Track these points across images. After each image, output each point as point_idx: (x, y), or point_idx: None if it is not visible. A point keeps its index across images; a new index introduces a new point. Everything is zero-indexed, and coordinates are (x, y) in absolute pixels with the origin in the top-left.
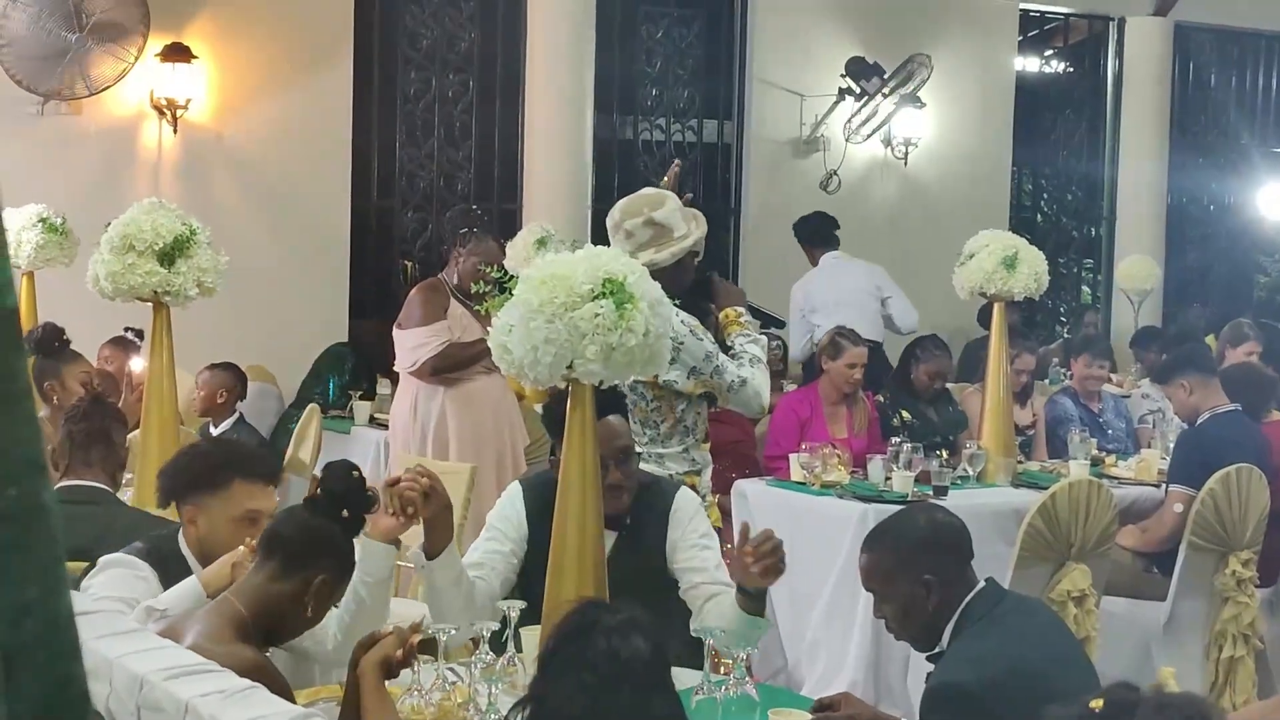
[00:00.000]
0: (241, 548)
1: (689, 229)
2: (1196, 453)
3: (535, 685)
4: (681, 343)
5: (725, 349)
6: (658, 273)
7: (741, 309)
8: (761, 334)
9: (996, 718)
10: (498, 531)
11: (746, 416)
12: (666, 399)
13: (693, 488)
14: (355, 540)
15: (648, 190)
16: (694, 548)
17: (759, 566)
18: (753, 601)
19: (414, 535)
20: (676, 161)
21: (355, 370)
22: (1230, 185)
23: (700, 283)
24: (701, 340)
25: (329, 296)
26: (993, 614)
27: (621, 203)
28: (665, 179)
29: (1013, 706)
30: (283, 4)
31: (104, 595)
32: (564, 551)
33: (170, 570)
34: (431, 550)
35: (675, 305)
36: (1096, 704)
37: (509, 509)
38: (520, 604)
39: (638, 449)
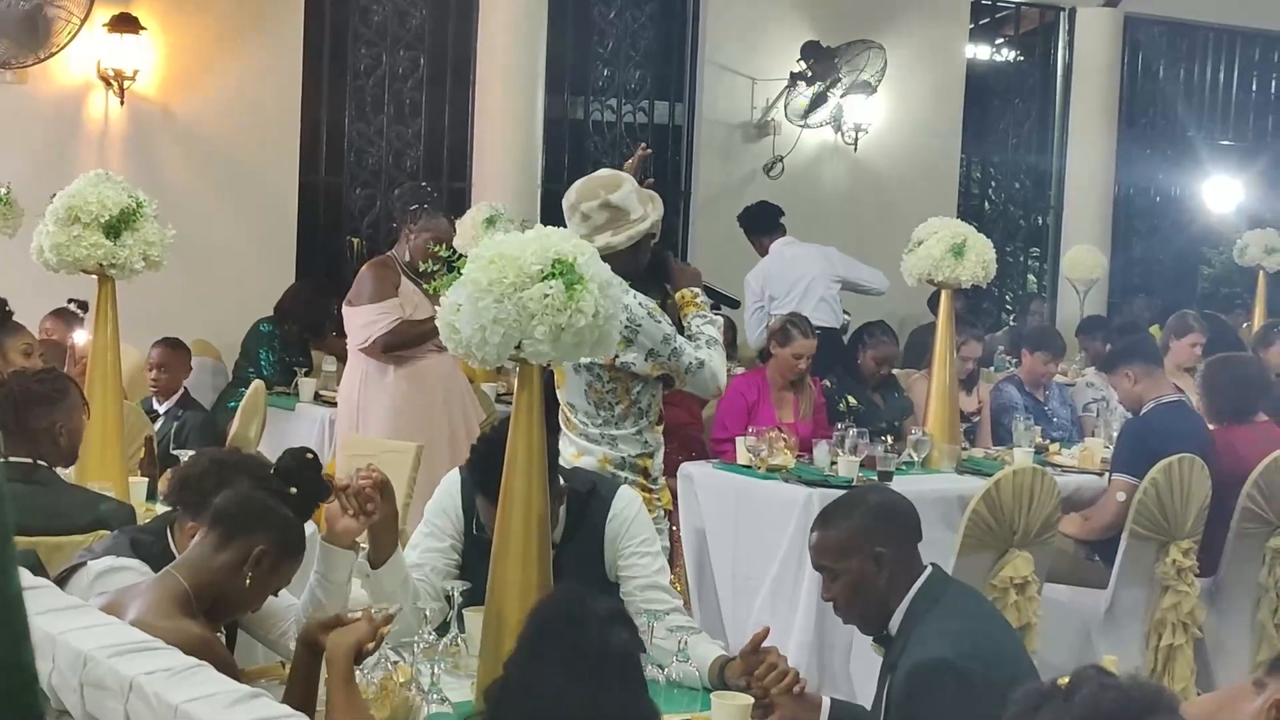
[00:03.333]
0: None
1: (645, 211)
2: (1140, 442)
3: (515, 669)
4: (639, 325)
5: (680, 330)
6: (614, 256)
7: (697, 290)
8: (716, 315)
9: (979, 690)
10: (435, 527)
11: (698, 398)
12: (623, 381)
13: (645, 470)
14: (314, 541)
15: (603, 172)
16: (633, 555)
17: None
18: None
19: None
20: (643, 145)
21: (286, 345)
22: (1177, 177)
23: (656, 263)
24: (659, 322)
25: (276, 272)
26: (946, 598)
27: (577, 185)
28: (629, 162)
29: (990, 681)
30: None
31: None
32: (509, 535)
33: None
34: (377, 558)
35: (632, 288)
36: (1063, 681)
37: (446, 500)
38: (464, 585)
39: (592, 429)
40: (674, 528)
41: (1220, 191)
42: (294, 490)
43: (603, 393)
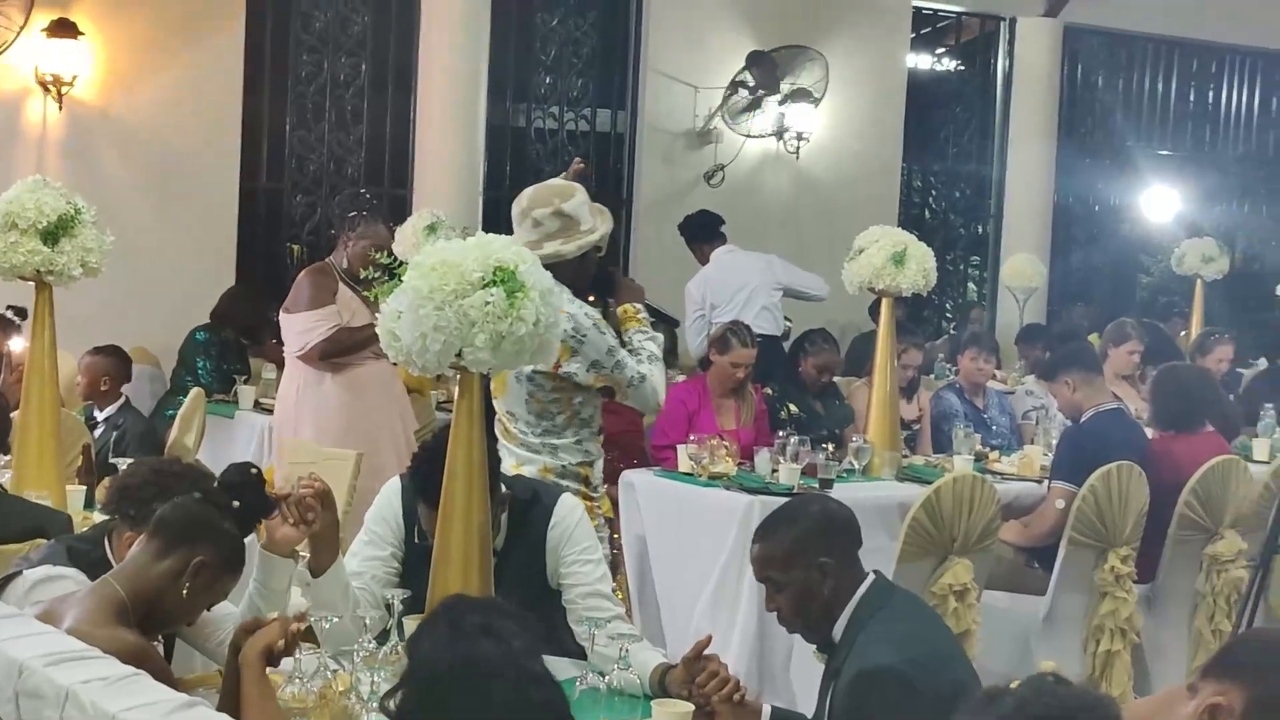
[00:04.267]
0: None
1: (595, 223)
2: (1079, 450)
3: (404, 674)
4: (584, 336)
5: (622, 344)
6: (561, 265)
7: (639, 305)
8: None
9: (922, 695)
10: (375, 535)
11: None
12: (565, 391)
13: (585, 479)
14: (254, 549)
15: (556, 181)
16: (575, 563)
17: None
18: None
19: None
20: (578, 159)
21: (224, 351)
22: (1115, 186)
23: (601, 277)
24: (604, 334)
25: (216, 278)
26: (890, 604)
27: (529, 191)
28: (564, 175)
29: (933, 686)
30: None
31: None
32: (450, 542)
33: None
34: (317, 567)
35: (577, 299)
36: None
37: (385, 508)
38: (404, 593)
39: (532, 438)
40: (615, 535)
41: (1158, 201)
42: (237, 504)
43: (545, 403)
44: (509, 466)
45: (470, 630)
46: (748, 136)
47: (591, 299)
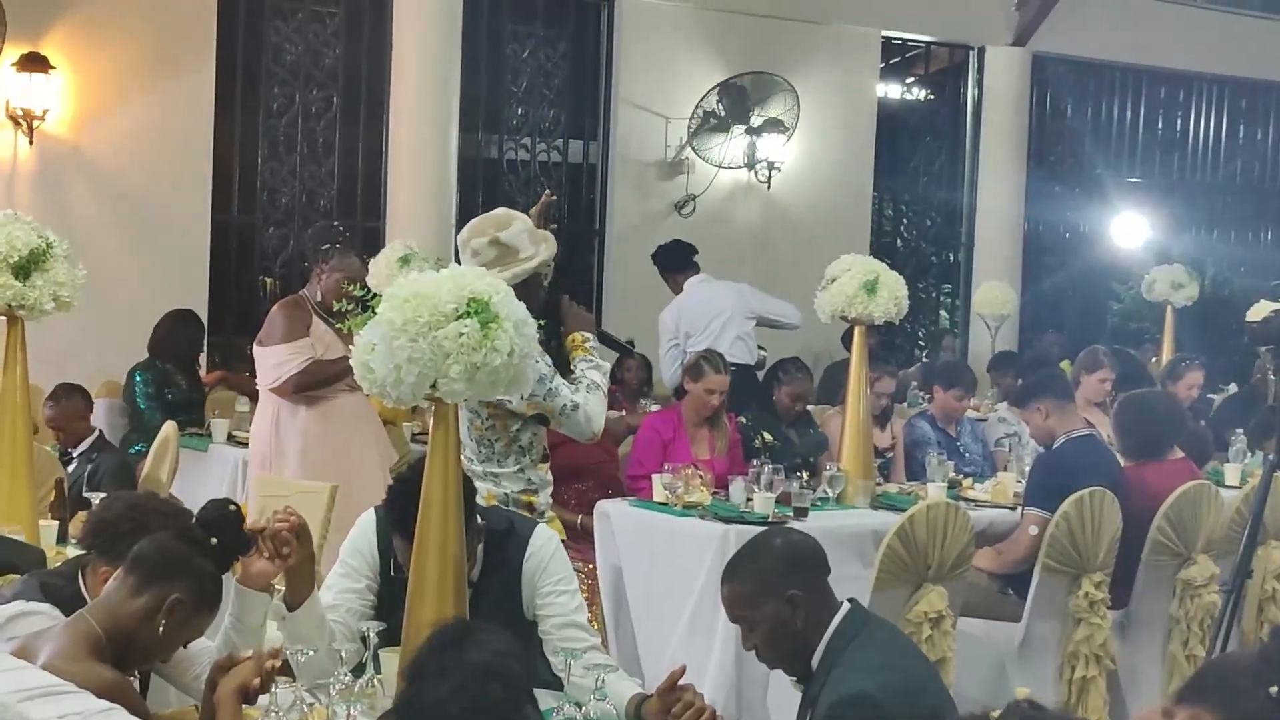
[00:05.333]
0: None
1: (535, 250)
2: (1052, 476)
3: (401, 697)
4: None
5: (569, 373)
6: None
7: (589, 334)
8: (604, 361)
9: None
10: (350, 568)
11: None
12: (500, 418)
13: (530, 506)
14: (229, 584)
15: (498, 211)
16: (551, 593)
17: None
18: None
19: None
20: (548, 191)
21: (165, 383)
22: (1086, 213)
23: (550, 305)
24: (537, 362)
25: None
26: (865, 632)
27: (472, 222)
28: (534, 209)
29: (910, 714)
30: (143, 15)
31: None
32: (424, 574)
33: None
34: (293, 601)
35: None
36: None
37: (360, 541)
38: (379, 625)
39: (476, 466)
40: (592, 565)
41: (1128, 228)
42: (214, 541)
43: (483, 430)
44: None
45: (477, 671)
46: (719, 167)
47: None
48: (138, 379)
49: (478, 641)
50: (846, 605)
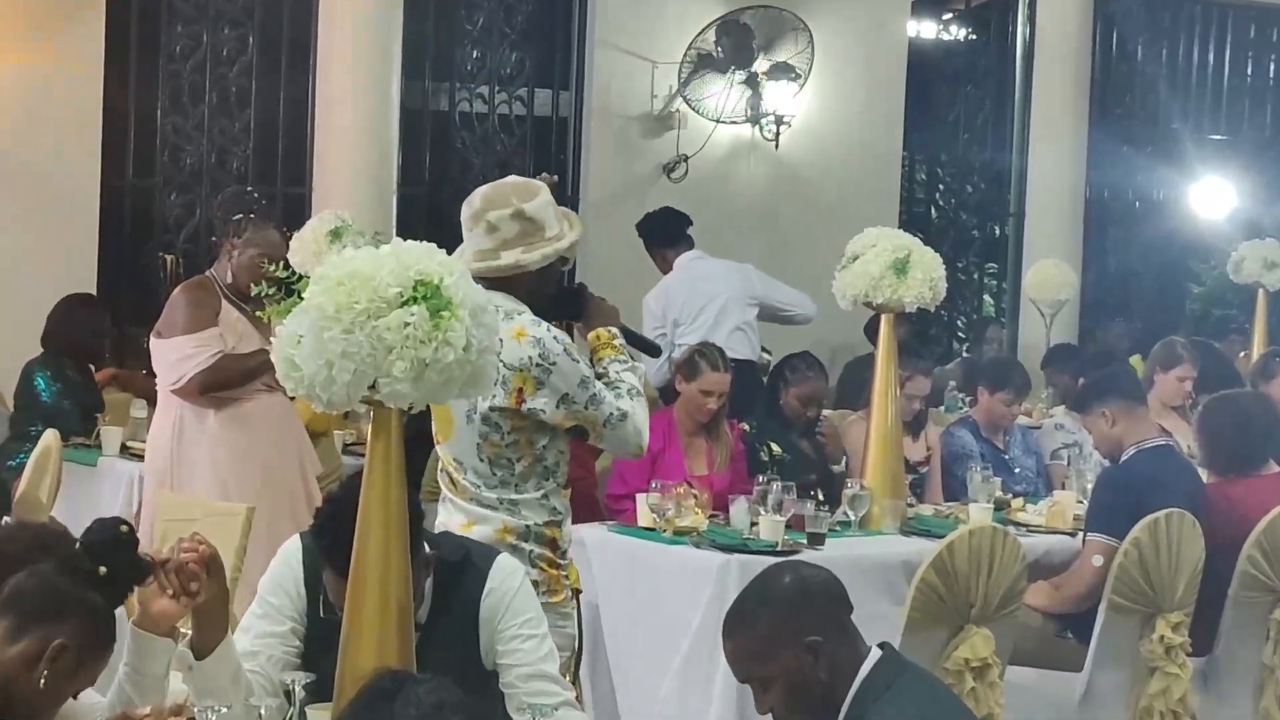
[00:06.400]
0: None
1: (562, 229)
2: (1120, 495)
3: None
4: (554, 363)
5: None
6: (519, 278)
7: (615, 330)
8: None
9: None
10: (271, 607)
11: (590, 447)
12: (526, 432)
13: (552, 541)
14: (124, 626)
15: (516, 178)
16: (515, 639)
17: None
18: None
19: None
20: (545, 175)
21: (69, 385)
22: (1160, 178)
23: (567, 295)
24: (577, 362)
25: None
26: (900, 683)
27: (485, 190)
28: None
29: None
30: None
31: None
32: (361, 614)
33: None
34: (202, 647)
35: (542, 319)
36: None
37: (284, 574)
38: (306, 677)
39: (486, 492)
40: None
41: (1211, 195)
42: (103, 570)
43: (501, 446)
44: (457, 526)
45: (408, 706)
46: (717, 121)
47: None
48: (38, 379)
49: (412, 696)
50: (877, 652)
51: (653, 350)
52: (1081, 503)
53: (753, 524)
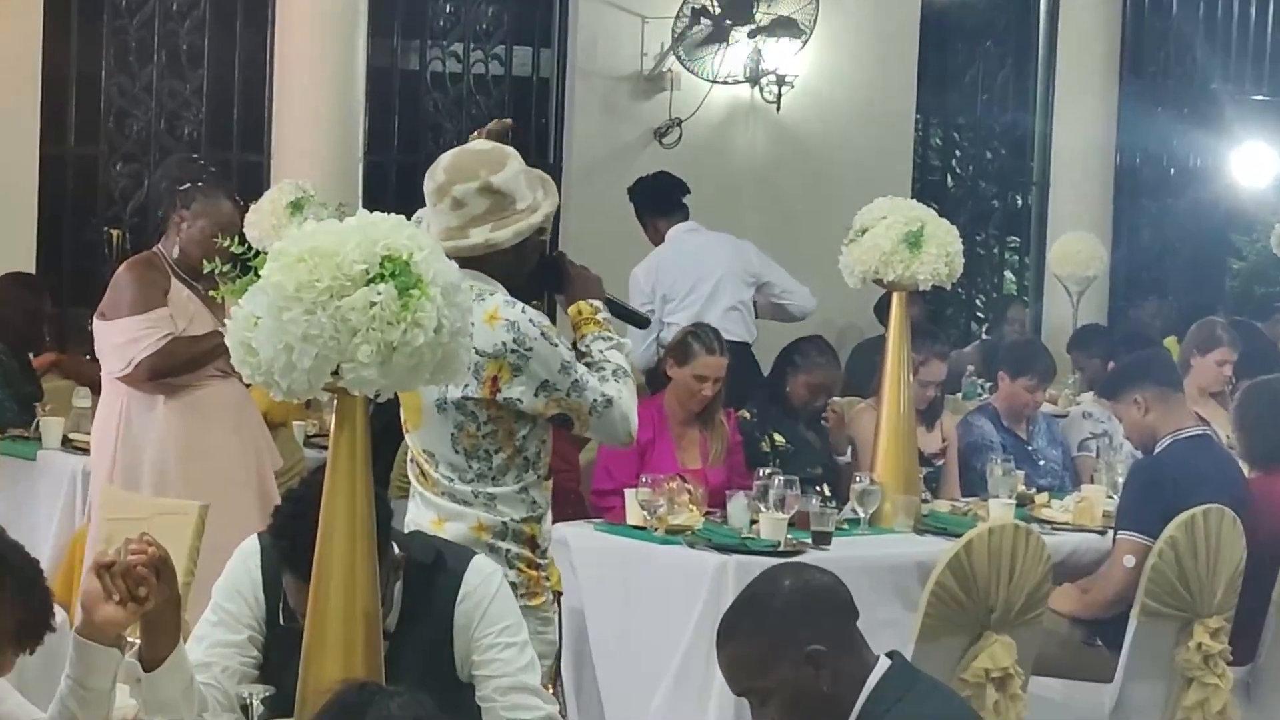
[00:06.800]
0: None
1: (536, 200)
2: (1153, 490)
3: None
4: (530, 349)
5: (578, 356)
6: (494, 256)
7: (598, 304)
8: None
9: None
10: (227, 614)
11: (573, 438)
12: (504, 421)
13: (531, 539)
14: (67, 635)
15: (481, 145)
16: (492, 648)
17: None
18: None
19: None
20: (497, 120)
21: (9, 373)
22: (1197, 143)
23: (544, 267)
24: (556, 346)
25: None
26: (912, 694)
27: (447, 160)
28: (476, 134)
29: None
30: None
31: None
32: (325, 622)
33: None
34: (152, 657)
35: (517, 300)
36: None
37: (240, 577)
38: (265, 690)
39: (461, 486)
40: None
41: (1253, 161)
42: None
43: (477, 437)
44: (428, 523)
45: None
46: (713, 82)
47: (534, 301)
48: None
49: (382, 711)
50: (886, 661)
51: (640, 321)
52: (1111, 498)
53: (752, 522)
